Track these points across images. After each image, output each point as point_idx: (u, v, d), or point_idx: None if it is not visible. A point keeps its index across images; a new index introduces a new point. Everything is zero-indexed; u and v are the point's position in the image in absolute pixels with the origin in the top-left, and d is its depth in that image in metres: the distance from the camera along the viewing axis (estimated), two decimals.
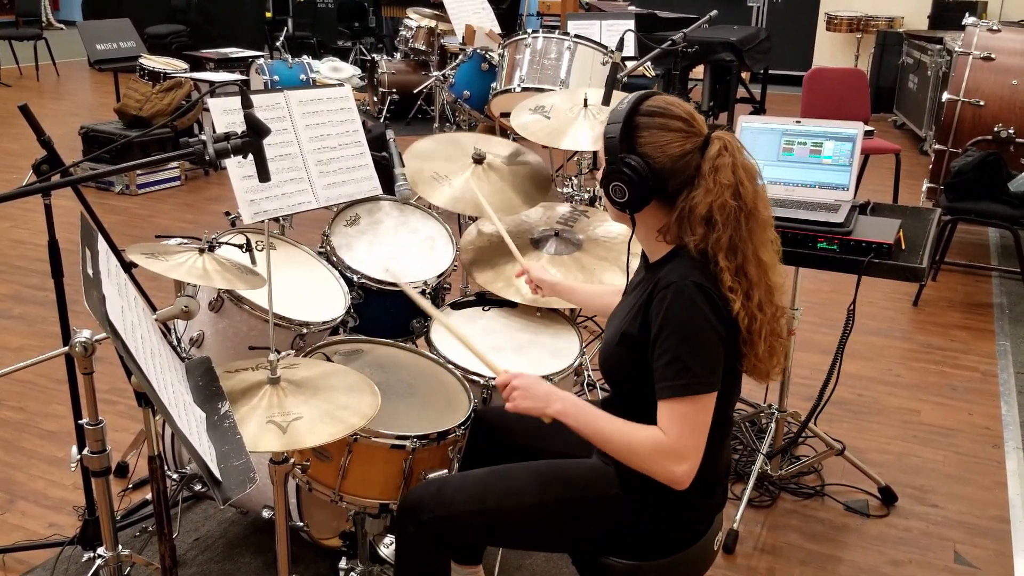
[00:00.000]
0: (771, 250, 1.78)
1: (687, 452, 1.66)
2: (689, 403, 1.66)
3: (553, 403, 1.80)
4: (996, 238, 5.61)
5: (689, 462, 1.66)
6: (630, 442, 1.71)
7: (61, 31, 14.23)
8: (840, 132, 2.78)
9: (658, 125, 1.73)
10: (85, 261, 1.51)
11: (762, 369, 1.78)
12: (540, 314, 2.65)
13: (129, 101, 6.40)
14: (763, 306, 1.73)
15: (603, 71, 3.84)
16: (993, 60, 5.01)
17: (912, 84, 8.00)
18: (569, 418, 1.79)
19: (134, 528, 2.64)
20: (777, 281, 1.78)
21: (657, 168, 1.72)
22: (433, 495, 1.88)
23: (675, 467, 1.66)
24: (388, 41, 11.27)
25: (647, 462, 1.69)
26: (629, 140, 1.73)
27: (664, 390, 1.68)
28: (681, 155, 1.72)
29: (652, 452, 1.68)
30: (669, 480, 1.68)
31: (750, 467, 2.91)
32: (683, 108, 1.76)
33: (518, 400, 1.82)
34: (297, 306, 2.42)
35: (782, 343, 1.80)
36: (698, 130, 1.74)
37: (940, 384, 3.75)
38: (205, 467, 1.44)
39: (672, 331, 1.67)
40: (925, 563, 2.66)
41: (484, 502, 1.86)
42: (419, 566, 1.91)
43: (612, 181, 1.74)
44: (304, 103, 2.53)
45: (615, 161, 1.74)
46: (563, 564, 2.57)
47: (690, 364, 1.65)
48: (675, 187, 1.73)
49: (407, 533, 1.89)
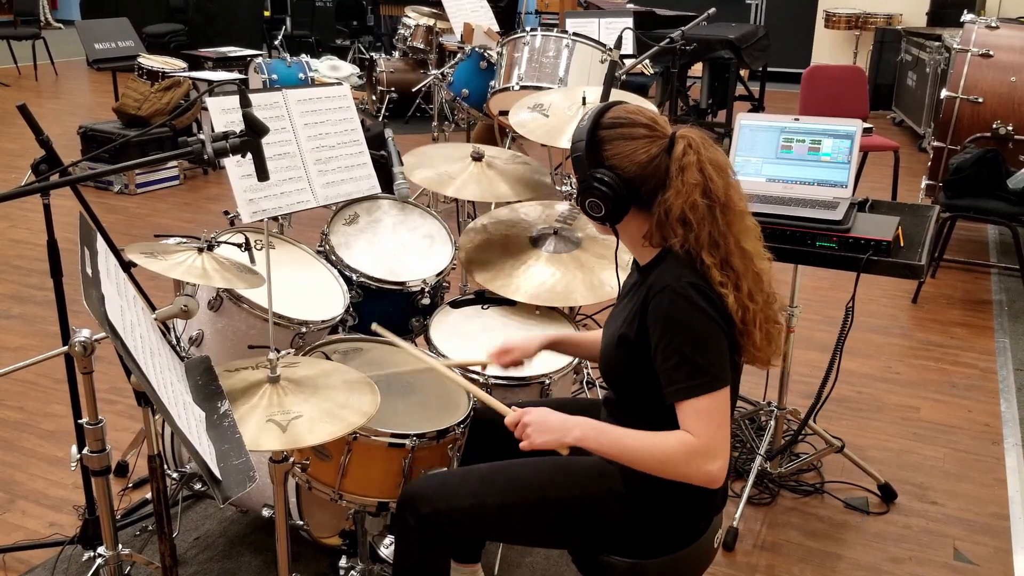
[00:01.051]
0: (752, 238, 1.78)
1: (717, 449, 1.66)
2: (708, 400, 1.66)
3: (570, 431, 1.76)
4: (995, 235, 5.62)
5: (721, 458, 1.66)
6: (662, 452, 1.68)
7: (59, 30, 14.22)
8: (839, 129, 2.78)
9: (621, 135, 1.74)
10: (84, 260, 1.51)
11: (762, 357, 1.78)
12: (539, 312, 2.66)
13: (128, 100, 6.40)
14: (753, 294, 1.73)
15: (602, 69, 3.84)
16: (992, 57, 5.01)
17: (911, 81, 8.00)
18: (591, 442, 1.74)
19: (134, 527, 2.64)
20: (763, 267, 1.79)
21: (628, 178, 1.73)
22: (435, 489, 1.88)
23: (710, 466, 1.65)
24: (386, 40, 11.27)
25: (682, 467, 1.67)
26: (595, 155, 1.75)
27: (681, 392, 1.67)
28: (648, 160, 1.73)
29: (687, 456, 1.66)
30: (707, 480, 1.67)
31: (750, 465, 2.91)
32: (644, 115, 1.77)
33: (533, 437, 1.77)
34: (296, 305, 2.42)
35: (779, 328, 1.81)
36: (661, 132, 1.76)
37: (939, 381, 3.75)
38: (205, 466, 1.44)
39: (676, 333, 1.67)
40: (925, 560, 2.66)
41: (485, 497, 1.85)
42: (419, 559, 1.91)
43: (587, 198, 1.76)
44: (303, 102, 2.54)
45: (585, 178, 1.75)
46: (563, 563, 2.57)
47: (701, 363, 1.66)
48: (648, 192, 1.74)
49: (407, 526, 1.88)
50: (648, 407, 1.78)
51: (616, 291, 2.55)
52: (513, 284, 2.60)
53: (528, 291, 2.57)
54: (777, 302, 1.81)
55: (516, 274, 2.63)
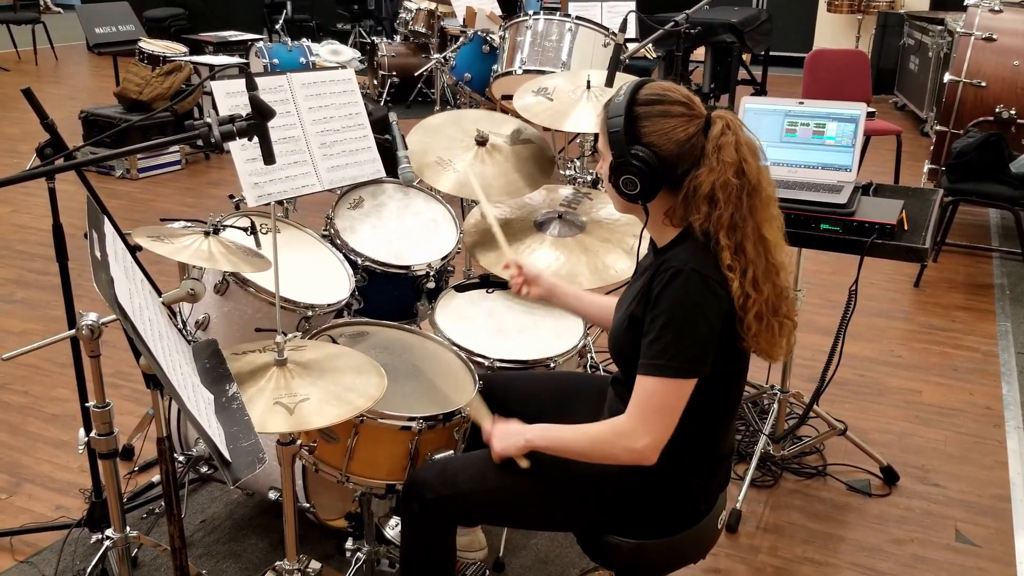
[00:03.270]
0: (775, 228, 1.76)
1: (647, 429, 1.68)
2: (662, 384, 1.67)
3: (524, 434, 1.83)
4: (997, 219, 5.61)
5: (650, 437, 1.68)
6: (591, 436, 1.74)
7: (59, 15, 14.15)
8: (843, 113, 2.78)
9: (659, 113, 1.71)
10: (93, 244, 1.52)
11: (762, 349, 1.76)
12: None
13: (129, 85, 6.38)
14: (759, 284, 1.71)
15: (605, 53, 3.84)
16: (995, 41, 5.00)
17: (913, 65, 7.97)
18: (541, 440, 1.81)
19: (140, 511, 2.66)
20: (781, 260, 1.76)
21: (665, 156, 1.70)
22: (437, 475, 1.90)
23: (634, 443, 1.68)
24: (388, 24, 11.22)
25: (608, 447, 1.72)
26: (632, 131, 1.72)
27: (644, 367, 1.69)
28: (686, 139, 1.70)
29: (612, 436, 1.71)
30: (634, 458, 1.70)
31: (753, 447, 2.92)
32: (680, 92, 1.74)
33: (495, 444, 1.86)
34: (302, 289, 2.43)
35: (787, 325, 1.78)
36: (698, 112, 1.73)
37: (941, 364, 3.76)
38: (215, 448, 1.45)
39: (662, 312, 1.67)
40: (927, 541, 2.68)
41: (487, 482, 1.87)
42: (424, 543, 1.94)
43: (623, 175, 1.73)
44: (307, 86, 2.53)
45: (623, 155, 1.72)
46: (567, 544, 2.58)
47: (671, 348, 1.66)
48: (683, 172, 1.72)
49: (412, 512, 1.91)
50: None
51: (621, 275, 2.56)
52: None
53: None
54: (789, 298, 1.78)
55: (521, 258, 2.63)
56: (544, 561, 2.54)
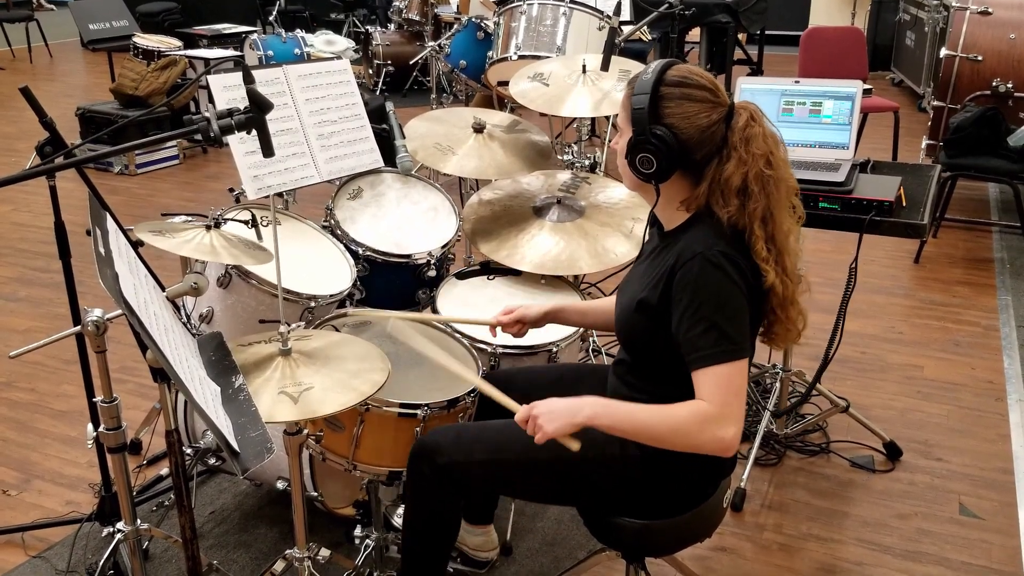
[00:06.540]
0: (790, 216, 1.79)
1: (732, 416, 1.65)
2: (729, 368, 1.66)
3: (580, 411, 1.71)
4: (996, 193, 5.61)
5: (735, 425, 1.65)
6: (674, 422, 1.66)
7: (52, 11, 14.09)
8: (839, 91, 2.78)
9: (684, 95, 1.72)
10: (96, 240, 1.53)
11: (792, 335, 1.82)
12: (545, 281, 2.67)
13: (124, 81, 6.37)
14: (790, 272, 1.76)
15: (599, 36, 3.84)
16: (991, 14, 4.99)
17: (909, 41, 7.95)
18: (602, 419, 1.71)
19: (150, 504, 2.68)
20: (795, 248, 1.80)
21: (684, 139, 1.71)
22: (452, 441, 1.90)
23: (723, 432, 1.64)
24: (381, 12, 11.16)
25: (694, 436, 1.65)
26: (655, 110, 1.72)
27: (704, 359, 1.66)
28: (708, 125, 1.71)
29: (700, 424, 1.64)
30: (720, 448, 1.65)
31: (756, 426, 2.94)
32: (706, 77, 1.75)
33: (545, 426, 1.70)
34: (304, 280, 2.44)
35: (802, 314, 1.85)
36: (722, 100, 1.74)
37: (942, 340, 3.77)
38: (223, 439, 1.47)
39: (705, 300, 1.67)
40: (930, 515, 2.70)
41: (501, 452, 1.88)
42: (431, 509, 1.94)
43: (640, 152, 1.73)
44: (303, 77, 2.54)
45: (643, 132, 1.72)
46: (574, 526, 2.60)
47: (727, 331, 1.66)
48: (701, 158, 1.73)
49: (421, 474, 1.90)
50: (662, 371, 1.80)
51: (621, 259, 2.57)
52: (518, 254, 2.62)
53: (533, 261, 2.59)
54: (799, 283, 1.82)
55: (520, 244, 2.64)
56: (551, 544, 2.56)
